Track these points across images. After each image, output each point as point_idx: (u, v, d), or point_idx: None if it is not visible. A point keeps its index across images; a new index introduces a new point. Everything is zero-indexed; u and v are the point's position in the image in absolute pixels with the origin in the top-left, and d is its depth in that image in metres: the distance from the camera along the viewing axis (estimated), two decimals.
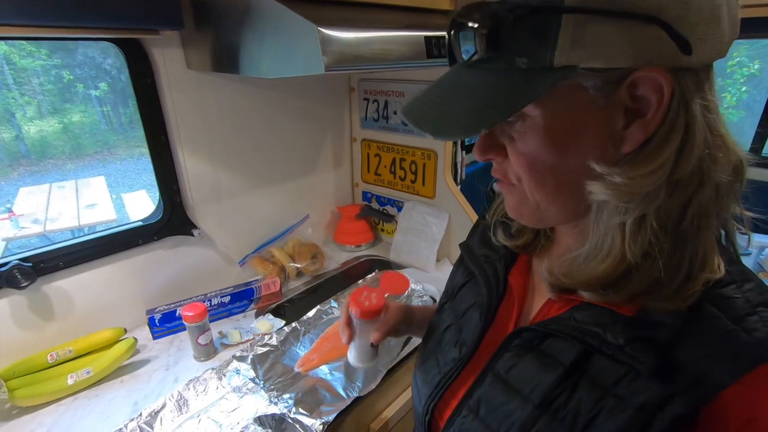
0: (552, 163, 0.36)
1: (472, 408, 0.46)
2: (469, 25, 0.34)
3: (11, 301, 0.90)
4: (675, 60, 0.31)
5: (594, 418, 0.36)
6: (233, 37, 0.86)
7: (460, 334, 0.53)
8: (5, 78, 7.58)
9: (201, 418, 0.84)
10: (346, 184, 1.61)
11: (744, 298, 0.35)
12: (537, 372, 0.41)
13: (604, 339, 0.37)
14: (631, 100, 0.33)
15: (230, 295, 1.14)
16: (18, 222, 3.49)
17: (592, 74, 0.32)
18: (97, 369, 0.92)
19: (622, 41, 0.30)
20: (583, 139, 0.35)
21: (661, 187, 0.33)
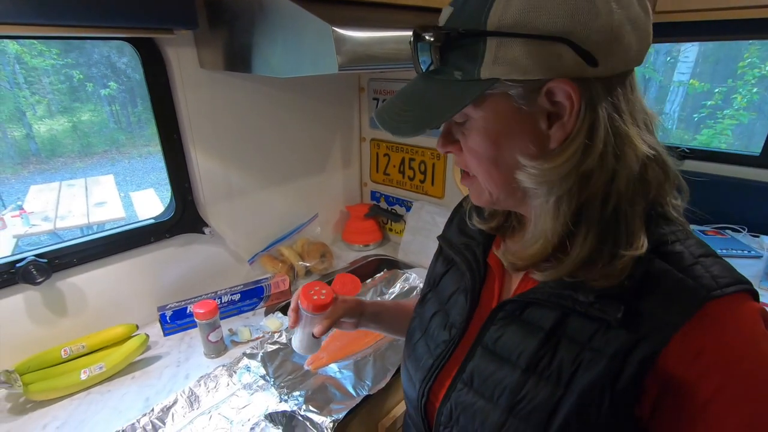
0: (492, 157, 0.43)
1: (465, 381, 0.50)
2: (426, 38, 0.41)
3: (26, 297, 0.92)
4: (582, 71, 0.37)
5: (575, 372, 0.41)
6: (246, 37, 0.87)
7: (447, 318, 0.57)
8: (16, 77, 7.67)
9: (212, 415, 0.84)
10: (355, 184, 1.61)
11: (688, 252, 0.42)
12: (521, 339, 0.46)
13: (576, 299, 0.42)
14: (551, 106, 0.39)
15: (240, 293, 1.15)
16: (29, 219, 3.52)
17: (514, 85, 0.39)
18: (110, 364, 0.93)
19: (534, 58, 0.37)
20: (515, 137, 0.42)
21: (571, 176, 0.40)
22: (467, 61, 0.39)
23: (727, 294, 0.38)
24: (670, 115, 5.30)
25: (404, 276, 1.31)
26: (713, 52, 5.16)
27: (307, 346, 0.69)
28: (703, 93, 5.06)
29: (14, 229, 3.53)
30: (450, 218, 0.67)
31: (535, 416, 0.43)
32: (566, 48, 0.36)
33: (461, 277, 0.58)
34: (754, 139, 4.80)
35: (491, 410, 0.46)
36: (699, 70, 5.24)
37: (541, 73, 0.37)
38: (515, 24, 0.36)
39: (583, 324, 0.42)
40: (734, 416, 0.37)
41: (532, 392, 0.43)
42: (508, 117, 0.41)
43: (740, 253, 1.16)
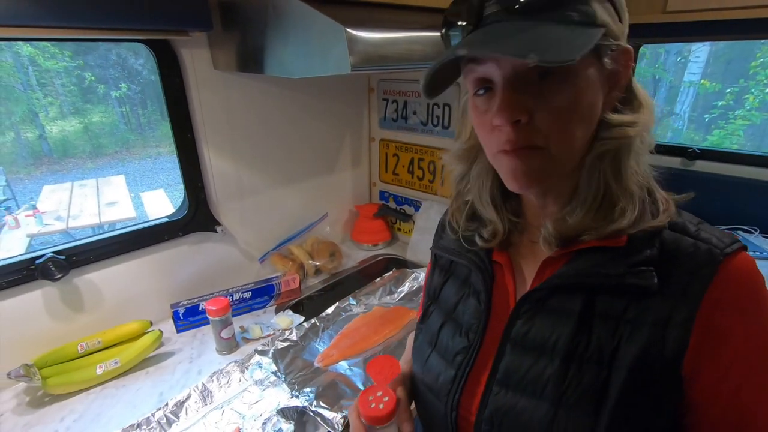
0: (581, 114, 0.43)
1: (501, 382, 0.48)
2: None
3: (45, 293, 0.94)
4: (623, 36, 0.43)
5: (617, 348, 0.42)
6: (259, 38, 0.88)
7: (459, 325, 0.55)
8: (29, 79, 7.80)
9: (224, 409, 0.86)
10: (364, 184, 1.62)
11: (688, 221, 0.46)
12: (553, 327, 0.45)
13: (606, 274, 0.43)
14: (611, 67, 0.43)
15: (251, 291, 1.17)
16: (42, 219, 3.58)
17: (606, 44, 0.41)
18: (125, 360, 0.95)
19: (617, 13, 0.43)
20: (596, 97, 0.43)
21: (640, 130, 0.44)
22: (581, 3, 0.40)
23: (734, 251, 0.42)
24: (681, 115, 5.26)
25: (413, 275, 1.32)
26: (725, 51, 5.11)
27: None
28: (714, 93, 5.01)
29: (28, 228, 3.59)
30: (440, 228, 0.66)
31: (584, 402, 0.42)
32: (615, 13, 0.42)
33: (463, 283, 0.57)
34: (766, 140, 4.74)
35: (536, 406, 0.44)
36: (710, 70, 5.19)
37: (615, 35, 0.42)
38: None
39: (612, 300, 0.43)
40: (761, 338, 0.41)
41: (577, 378, 0.43)
42: (595, 79, 0.42)
43: (752, 254, 1.15)
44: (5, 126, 7.41)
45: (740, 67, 4.96)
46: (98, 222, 3.52)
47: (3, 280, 0.87)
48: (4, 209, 5.00)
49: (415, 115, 1.40)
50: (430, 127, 1.38)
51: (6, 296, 0.89)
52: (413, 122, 1.42)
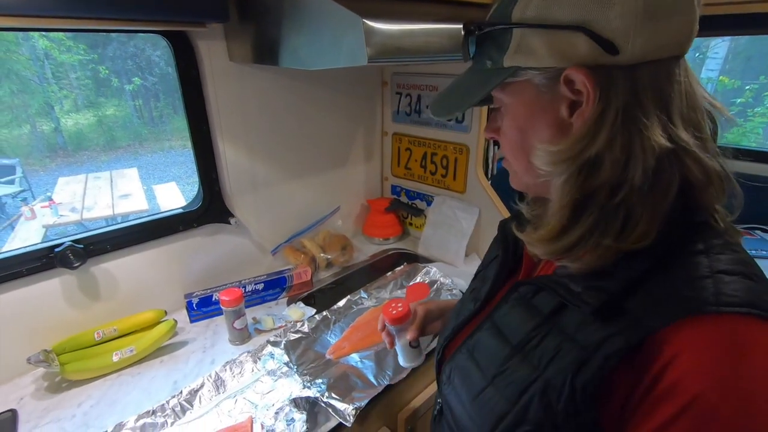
0: (518, 140, 0.47)
1: (469, 348, 0.54)
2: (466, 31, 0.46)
3: (63, 281, 0.95)
4: (599, 59, 0.38)
5: (552, 359, 0.42)
6: (275, 30, 0.88)
7: (478, 292, 0.62)
8: (45, 72, 7.91)
9: (237, 399, 0.87)
10: (376, 178, 1.62)
11: (708, 265, 0.38)
12: (522, 320, 0.48)
13: (568, 288, 0.43)
14: (572, 94, 0.40)
15: (264, 283, 1.18)
16: (57, 210, 3.65)
17: (535, 73, 0.42)
18: (140, 348, 0.96)
19: (550, 47, 0.39)
20: (537, 122, 0.44)
21: (577, 159, 0.40)
22: (496, 51, 0.43)
23: (724, 313, 0.34)
24: None
25: (424, 270, 1.32)
26: (745, 47, 4.99)
27: (411, 357, 0.76)
28: (733, 90, 4.90)
29: (43, 219, 3.66)
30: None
31: (509, 390, 0.45)
32: (583, 36, 0.37)
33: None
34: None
35: (479, 377, 0.50)
36: (728, 66, 5.08)
37: (555, 61, 0.40)
38: (536, 16, 0.40)
39: (574, 315, 0.43)
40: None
41: (513, 368, 0.46)
42: (531, 103, 0.44)
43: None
44: (22, 118, 7.54)
45: (761, 64, 4.84)
46: (112, 214, 3.58)
47: (23, 267, 0.88)
48: (20, 200, 5.10)
49: (428, 108, 1.39)
50: (443, 122, 1.37)
51: (26, 283, 0.90)
52: (427, 116, 1.41)
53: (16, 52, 7.30)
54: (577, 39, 0.38)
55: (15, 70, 7.30)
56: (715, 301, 0.35)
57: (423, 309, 0.77)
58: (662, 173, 0.39)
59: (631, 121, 0.38)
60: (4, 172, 5.24)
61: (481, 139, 1.32)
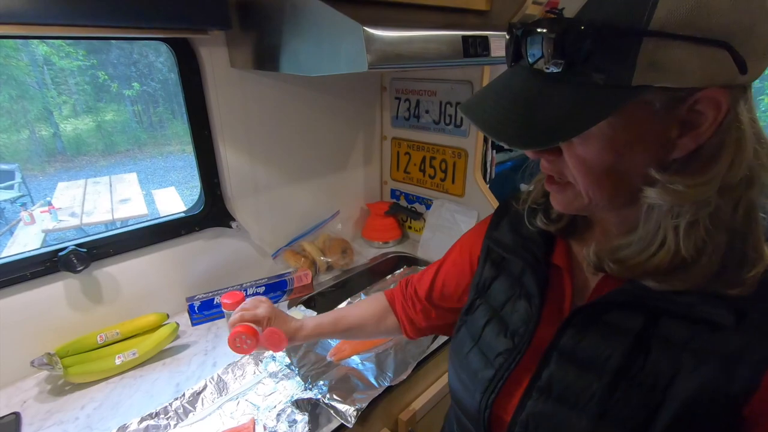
0: (609, 166, 0.39)
1: (542, 389, 0.47)
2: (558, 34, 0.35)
3: (66, 284, 0.96)
4: (733, 79, 0.34)
5: (674, 377, 0.39)
6: (276, 37, 0.90)
7: (505, 325, 0.53)
8: (44, 78, 7.93)
9: (239, 401, 0.88)
10: (375, 182, 1.64)
11: None
12: (606, 343, 0.43)
13: (674, 300, 0.40)
14: (688, 114, 0.36)
15: (265, 286, 1.19)
16: (57, 215, 3.64)
17: (662, 92, 0.35)
18: (142, 351, 0.97)
19: (694, 64, 0.33)
20: (641, 147, 0.38)
21: (713, 193, 0.36)
22: (614, 63, 0.34)
23: None
24: None
25: None
26: None
27: None
28: None
29: (43, 224, 3.65)
30: (496, 219, 0.64)
31: (628, 423, 0.40)
32: (725, 53, 0.32)
33: (515, 282, 0.55)
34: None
35: (576, 418, 0.43)
36: None
37: (698, 81, 0.33)
38: (683, 24, 0.32)
39: (678, 325, 0.40)
40: None
41: (624, 398, 0.41)
42: (641, 125, 0.37)
43: None
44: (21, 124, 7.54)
45: None
46: (111, 219, 3.58)
47: (28, 271, 0.89)
48: (19, 205, 5.10)
49: (427, 113, 1.41)
50: (442, 126, 1.38)
51: (30, 287, 0.91)
52: (425, 121, 1.42)
53: (15, 58, 7.32)
54: (721, 56, 0.32)
55: (14, 76, 7.32)
56: None
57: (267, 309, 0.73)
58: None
59: (761, 140, 0.37)
60: (3, 177, 5.24)
61: (480, 143, 1.33)
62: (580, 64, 0.35)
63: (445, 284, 0.71)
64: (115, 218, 3.59)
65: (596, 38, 0.34)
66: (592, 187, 0.41)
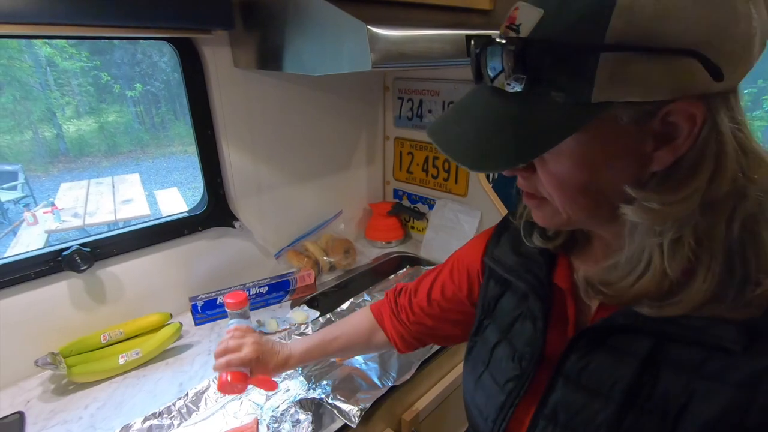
0: (583, 184, 0.37)
1: (549, 417, 0.45)
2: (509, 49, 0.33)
3: (70, 284, 0.96)
4: (707, 87, 0.31)
5: (686, 405, 0.36)
6: (280, 36, 0.90)
7: (513, 349, 0.52)
8: (48, 79, 7.97)
9: (243, 400, 0.87)
10: (378, 182, 1.64)
11: None
12: (612, 368, 0.41)
13: (680, 323, 0.37)
14: (662, 126, 0.34)
15: (268, 286, 1.18)
16: (60, 215, 3.66)
17: (628, 107, 0.33)
18: (146, 351, 0.97)
19: (660, 76, 0.31)
20: (614, 163, 0.36)
21: (695, 209, 0.34)
22: (572, 79, 0.32)
23: None
24: None
25: None
26: None
27: None
28: None
29: (46, 224, 3.67)
30: (496, 236, 0.61)
31: None
32: (695, 62, 0.30)
33: (520, 301, 0.53)
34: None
35: None
36: None
37: (667, 93, 0.31)
38: (642, 36, 0.30)
39: (687, 350, 0.37)
40: None
41: (634, 427, 0.39)
42: (610, 141, 0.35)
43: None
44: (24, 125, 7.59)
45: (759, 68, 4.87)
46: (114, 219, 3.60)
47: (32, 270, 0.89)
48: (22, 206, 5.12)
49: (430, 113, 1.41)
50: None
51: (34, 287, 0.91)
52: (428, 121, 1.42)
53: (18, 60, 7.36)
54: (691, 65, 0.30)
55: (18, 77, 7.36)
56: None
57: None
58: None
59: (745, 150, 0.34)
60: (6, 178, 5.26)
61: None
62: (538, 82, 0.34)
63: (444, 294, 0.70)
64: (118, 219, 3.60)
65: (550, 56, 0.32)
66: (568, 204, 0.40)
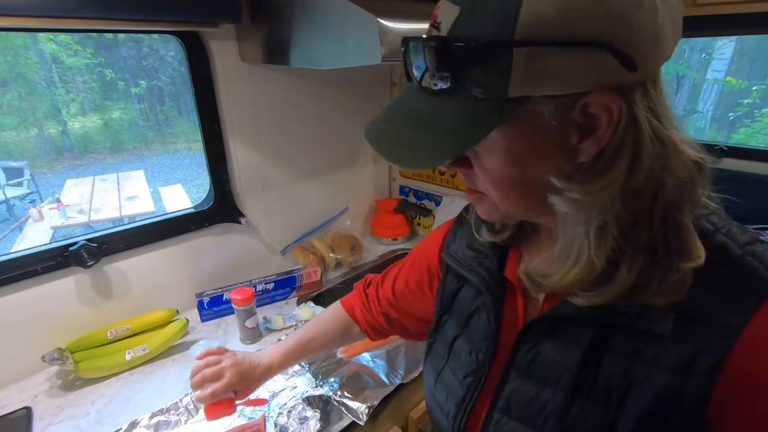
0: (515, 178, 0.38)
1: (503, 410, 0.46)
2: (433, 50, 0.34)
3: (77, 279, 0.96)
4: (621, 78, 0.32)
5: (627, 390, 0.38)
6: (287, 30, 0.89)
7: (471, 342, 0.53)
8: (53, 76, 7.99)
9: (249, 397, 0.87)
10: (384, 178, 1.63)
11: (732, 242, 0.38)
12: (559, 358, 0.42)
13: (616, 312, 0.39)
14: (583, 118, 0.34)
15: (274, 282, 1.18)
16: (65, 212, 3.67)
17: (546, 100, 0.33)
18: (152, 347, 0.97)
19: (572, 69, 0.32)
20: (542, 156, 0.37)
21: (616, 198, 0.35)
22: (489, 75, 0.33)
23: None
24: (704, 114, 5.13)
25: None
26: (751, 48, 4.96)
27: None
28: (740, 91, 4.88)
29: (51, 220, 3.68)
30: (452, 231, 0.62)
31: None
32: (607, 54, 0.31)
33: (477, 294, 0.54)
34: None
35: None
36: (735, 67, 5.05)
37: (581, 85, 0.32)
38: (551, 30, 0.31)
39: (626, 337, 0.39)
40: None
41: (581, 416, 0.40)
42: (535, 135, 0.36)
43: None
44: (29, 122, 7.61)
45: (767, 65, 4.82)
46: (119, 215, 3.60)
47: (39, 266, 0.89)
48: (28, 202, 5.14)
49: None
50: None
51: (42, 282, 0.91)
52: None
53: (24, 56, 7.38)
54: (602, 57, 0.31)
55: (23, 74, 7.37)
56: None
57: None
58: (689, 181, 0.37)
59: (662, 140, 0.35)
60: (12, 174, 5.28)
61: None
62: (460, 79, 0.34)
63: (407, 286, 0.70)
64: (123, 215, 3.61)
65: (467, 53, 0.33)
66: (503, 198, 0.41)
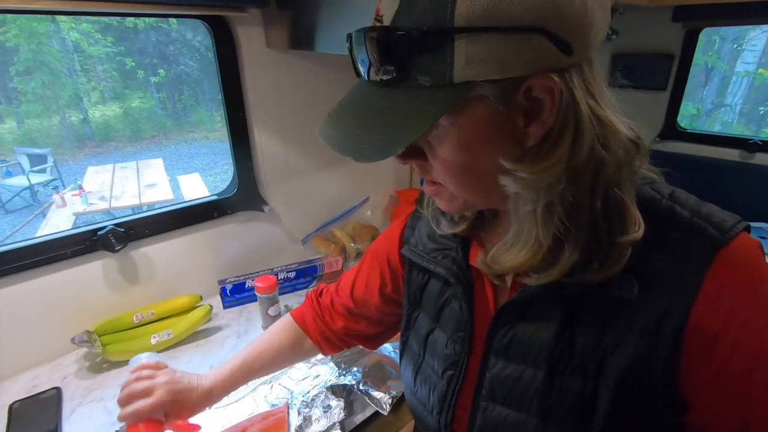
0: (468, 164, 0.39)
1: (488, 396, 0.47)
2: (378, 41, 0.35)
3: (104, 264, 0.97)
4: (559, 61, 0.34)
5: (603, 360, 0.40)
6: (314, 13, 0.87)
7: (446, 335, 0.53)
8: (74, 64, 8.12)
9: (273, 384, 0.87)
10: (405, 169, 1.61)
11: (677, 205, 0.40)
12: (534, 338, 0.44)
13: (583, 284, 0.40)
14: (528, 102, 0.36)
15: (296, 271, 1.18)
16: (87, 198, 3.74)
17: (490, 85, 0.34)
18: (177, 332, 0.98)
19: (511, 53, 0.33)
20: (492, 141, 0.38)
21: (561, 177, 0.36)
22: (432, 62, 0.34)
23: (732, 237, 0.37)
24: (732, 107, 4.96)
25: None
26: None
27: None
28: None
29: (74, 207, 3.76)
30: (410, 225, 0.62)
31: (573, 416, 0.41)
32: (543, 38, 0.32)
33: (445, 285, 0.54)
34: None
35: (525, 421, 0.44)
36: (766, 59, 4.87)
37: (521, 69, 0.33)
38: (487, 16, 0.31)
39: (595, 307, 0.40)
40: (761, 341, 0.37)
41: (562, 391, 0.41)
42: (483, 121, 0.37)
43: None
44: (52, 110, 7.77)
45: None
46: (138, 203, 3.66)
47: (68, 249, 0.90)
48: (51, 189, 5.26)
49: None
50: None
51: (71, 265, 0.92)
52: None
53: (47, 45, 7.51)
54: (538, 41, 0.32)
55: (46, 63, 7.52)
56: (719, 233, 0.37)
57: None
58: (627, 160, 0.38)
59: (600, 121, 0.37)
60: (36, 161, 5.41)
61: None
62: (404, 69, 0.35)
63: (367, 290, 0.69)
64: (143, 202, 3.67)
65: (410, 42, 0.34)
66: (460, 187, 0.41)
